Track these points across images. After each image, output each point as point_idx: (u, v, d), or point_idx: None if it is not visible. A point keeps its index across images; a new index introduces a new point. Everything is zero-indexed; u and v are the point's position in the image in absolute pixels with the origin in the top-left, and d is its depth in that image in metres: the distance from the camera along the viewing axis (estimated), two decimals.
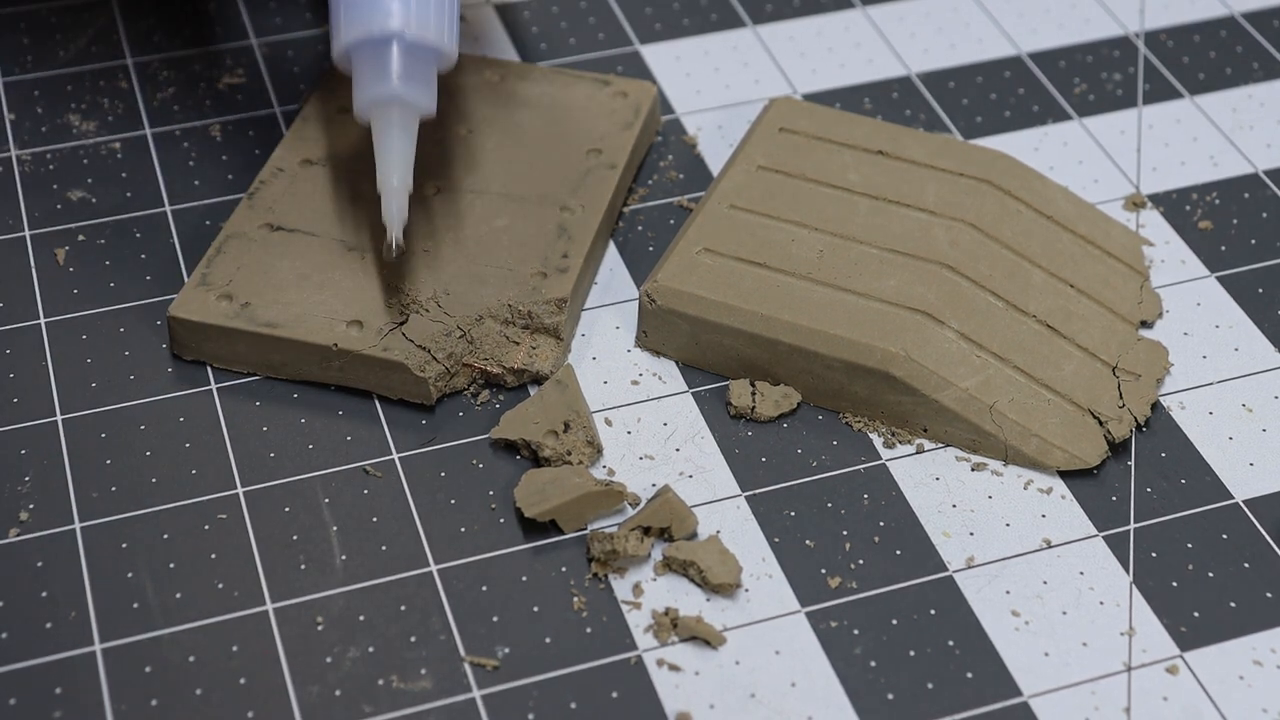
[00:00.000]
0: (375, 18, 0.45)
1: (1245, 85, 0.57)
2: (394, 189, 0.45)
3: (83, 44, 0.57)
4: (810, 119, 0.52)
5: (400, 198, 0.45)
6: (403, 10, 0.45)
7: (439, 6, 0.46)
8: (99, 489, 0.44)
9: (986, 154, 0.50)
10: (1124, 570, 0.43)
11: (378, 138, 0.46)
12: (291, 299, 0.46)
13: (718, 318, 0.46)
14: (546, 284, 0.47)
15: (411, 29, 0.45)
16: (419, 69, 0.46)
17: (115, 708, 0.39)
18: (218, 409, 0.46)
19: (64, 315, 0.48)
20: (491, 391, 0.46)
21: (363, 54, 0.46)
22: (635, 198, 0.52)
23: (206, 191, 0.52)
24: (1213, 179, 0.53)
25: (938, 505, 0.44)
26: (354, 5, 0.46)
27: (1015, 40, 0.58)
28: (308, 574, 0.42)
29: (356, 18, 0.46)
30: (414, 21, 0.45)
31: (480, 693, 0.40)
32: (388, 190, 0.45)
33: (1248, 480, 0.45)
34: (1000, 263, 0.47)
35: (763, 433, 0.46)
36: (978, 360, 0.45)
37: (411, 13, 0.45)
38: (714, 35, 0.58)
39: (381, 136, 0.46)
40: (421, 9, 0.46)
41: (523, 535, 0.43)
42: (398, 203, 0.45)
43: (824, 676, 0.40)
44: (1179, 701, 0.40)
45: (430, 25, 0.46)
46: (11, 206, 0.51)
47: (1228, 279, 0.50)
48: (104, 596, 0.41)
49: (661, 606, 0.41)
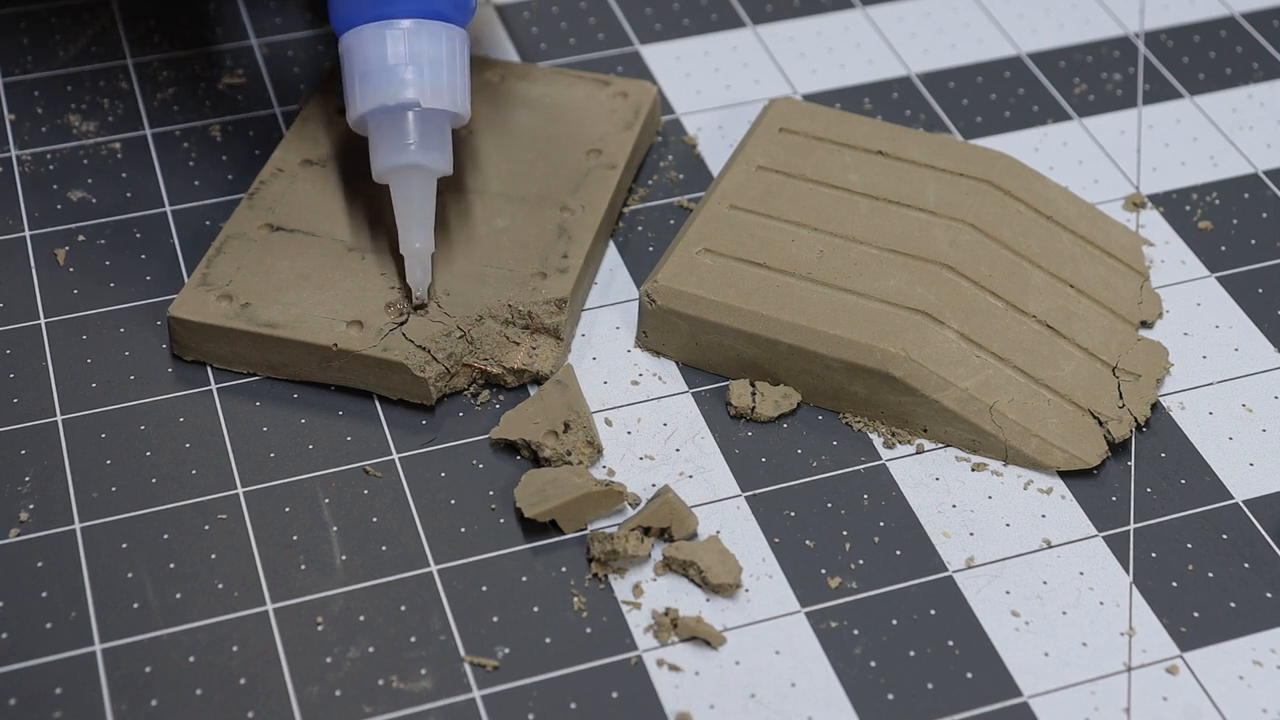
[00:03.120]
0: (391, 88, 0.46)
1: (1245, 85, 0.57)
2: (417, 252, 0.46)
3: (83, 44, 0.57)
4: (810, 119, 0.52)
5: (424, 260, 0.46)
6: (417, 80, 0.46)
7: (451, 72, 0.47)
8: (99, 489, 0.44)
9: (986, 154, 0.50)
10: (1124, 570, 0.43)
11: (398, 202, 0.46)
12: (291, 299, 0.46)
13: (718, 318, 0.46)
14: (546, 284, 0.47)
15: (427, 98, 0.46)
16: (434, 134, 0.47)
17: (115, 708, 0.39)
18: (218, 409, 0.46)
19: (64, 315, 0.48)
20: (491, 391, 0.46)
21: (379, 121, 0.46)
22: (635, 198, 0.52)
23: (206, 191, 0.52)
24: (1213, 179, 0.53)
25: (938, 505, 0.44)
26: (369, 75, 0.46)
27: (1015, 40, 0.58)
28: (308, 574, 0.42)
29: (373, 87, 0.46)
30: (428, 91, 0.46)
31: (480, 693, 0.40)
32: (410, 254, 0.46)
33: (1248, 480, 0.45)
34: (1000, 263, 0.47)
35: (763, 433, 0.46)
36: (978, 360, 0.45)
37: (426, 82, 0.46)
38: (714, 35, 0.58)
39: (401, 201, 0.46)
40: (435, 77, 0.46)
41: (523, 535, 0.43)
42: (421, 265, 0.46)
43: (824, 676, 0.40)
44: (1179, 701, 0.40)
45: (444, 93, 0.47)
46: (11, 206, 0.51)
47: (1228, 279, 0.50)
48: (104, 596, 0.41)
49: (661, 607, 0.41)
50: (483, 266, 0.47)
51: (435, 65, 0.47)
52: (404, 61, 0.46)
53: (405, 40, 0.46)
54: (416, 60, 0.46)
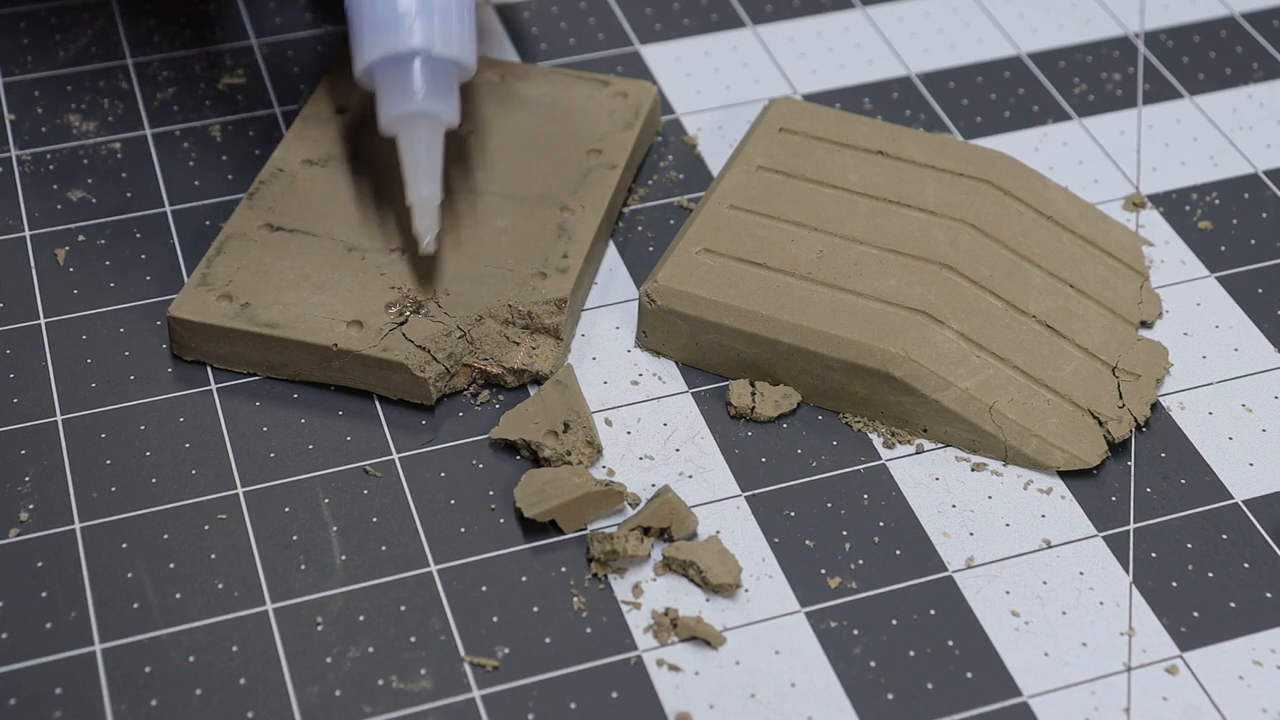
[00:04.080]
0: (398, 36, 0.46)
1: (1245, 85, 0.57)
2: (424, 200, 0.46)
3: (83, 44, 0.57)
4: (810, 119, 0.52)
5: (432, 207, 0.46)
6: (425, 27, 0.46)
7: (459, 21, 0.47)
8: (99, 489, 0.44)
9: (986, 154, 0.50)
10: (1124, 570, 0.43)
11: (405, 152, 0.46)
12: (291, 299, 0.46)
13: (718, 318, 0.46)
14: (546, 284, 0.47)
15: (435, 46, 0.46)
16: (442, 83, 0.47)
17: (115, 708, 0.39)
18: (218, 409, 0.46)
19: (64, 315, 0.48)
20: (491, 391, 0.46)
21: (386, 71, 0.47)
22: (635, 198, 0.52)
23: (206, 191, 0.52)
24: (1213, 179, 0.53)
25: (937, 505, 0.44)
26: (376, 24, 0.47)
27: (1015, 40, 0.58)
28: (308, 574, 0.42)
29: (379, 36, 0.46)
30: (437, 38, 0.46)
31: (480, 693, 0.40)
32: (419, 202, 0.46)
33: (1248, 480, 0.45)
34: (1000, 263, 0.47)
35: (763, 433, 0.46)
36: (978, 360, 0.45)
37: (434, 29, 0.46)
38: (714, 35, 0.58)
39: (409, 151, 0.46)
40: (444, 25, 0.47)
41: (523, 535, 0.43)
42: (429, 214, 0.46)
43: (824, 676, 0.40)
44: (1179, 701, 0.40)
45: (452, 41, 0.47)
46: (11, 206, 0.51)
47: (1227, 279, 0.50)
48: (104, 596, 0.41)
49: (661, 607, 0.41)
50: (483, 266, 0.47)
51: (445, 14, 0.47)
52: (413, 10, 0.46)
53: None
54: (425, 8, 0.46)
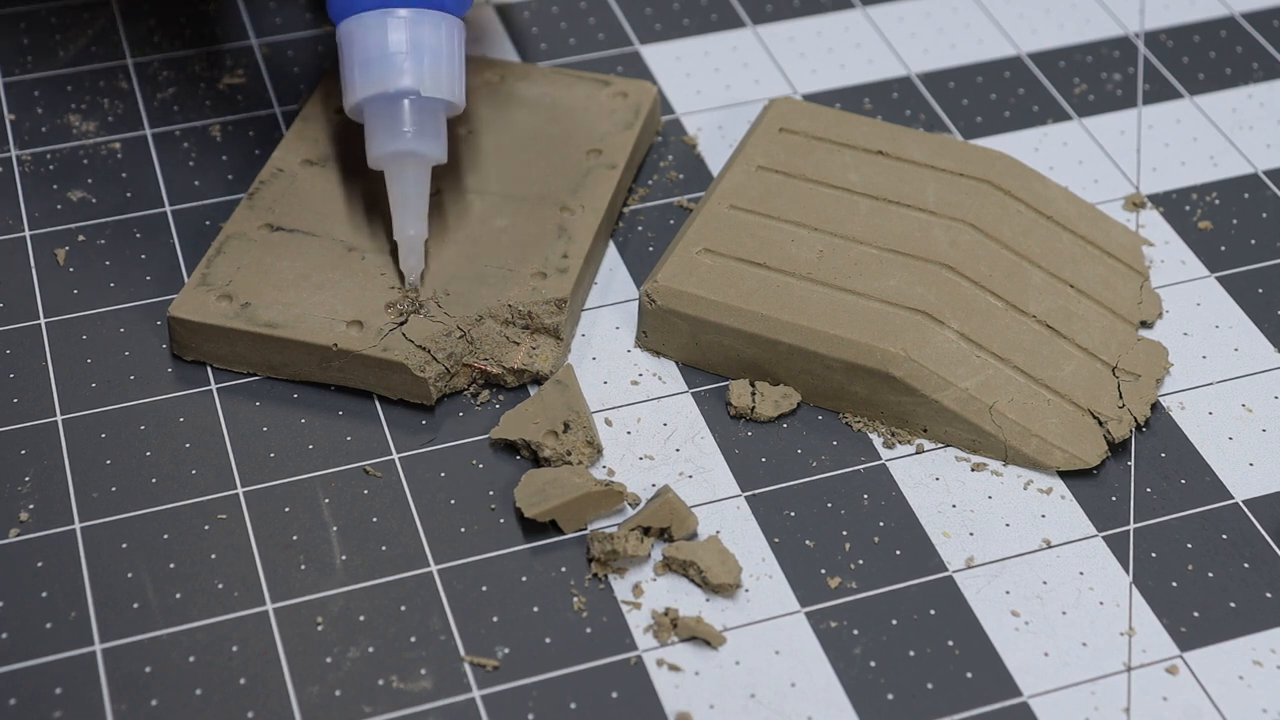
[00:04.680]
0: (389, 75, 0.47)
1: (1245, 85, 0.57)
2: (411, 238, 0.46)
3: (83, 44, 0.57)
4: (810, 119, 0.52)
5: (417, 246, 0.46)
6: (415, 68, 0.47)
7: (449, 61, 0.48)
8: (99, 489, 0.44)
9: (986, 154, 0.50)
10: (1124, 570, 0.43)
11: (393, 189, 0.47)
12: (291, 299, 0.46)
13: (718, 318, 0.46)
14: (546, 284, 0.47)
15: (424, 87, 0.47)
16: (429, 123, 0.47)
17: (115, 708, 0.39)
18: (218, 409, 0.46)
19: (64, 315, 0.48)
20: (491, 391, 0.46)
21: (376, 109, 0.47)
22: (635, 198, 0.52)
23: (206, 191, 0.52)
24: (1212, 179, 0.53)
25: (937, 505, 0.44)
26: (367, 63, 0.47)
27: (1015, 40, 0.58)
28: (308, 574, 0.42)
29: (370, 74, 0.47)
30: (426, 79, 0.47)
31: (480, 693, 0.40)
32: (405, 240, 0.46)
33: (1248, 480, 0.45)
34: (1000, 263, 0.47)
35: (763, 433, 0.46)
36: (978, 360, 0.45)
37: (425, 71, 0.47)
38: (714, 35, 0.58)
39: (396, 189, 0.47)
40: (433, 66, 0.47)
41: (523, 535, 0.43)
42: (414, 252, 0.46)
43: (824, 676, 0.40)
44: (1179, 701, 0.40)
45: (442, 81, 0.47)
46: (11, 206, 0.51)
47: (1227, 279, 0.50)
48: (104, 596, 0.41)
49: (661, 606, 0.41)
50: (483, 266, 0.47)
51: (434, 54, 0.47)
52: (403, 50, 0.47)
53: (405, 29, 0.47)
54: (416, 49, 0.47)
